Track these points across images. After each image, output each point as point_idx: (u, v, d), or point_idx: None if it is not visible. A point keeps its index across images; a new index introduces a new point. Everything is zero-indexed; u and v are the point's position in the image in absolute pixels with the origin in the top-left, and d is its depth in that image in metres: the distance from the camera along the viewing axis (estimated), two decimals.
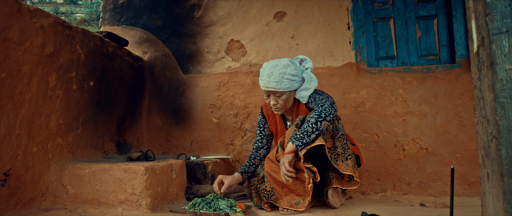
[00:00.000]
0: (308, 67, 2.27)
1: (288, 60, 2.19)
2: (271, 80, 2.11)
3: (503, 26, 0.92)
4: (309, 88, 2.15)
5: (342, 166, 2.05)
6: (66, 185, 2.24)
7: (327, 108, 1.99)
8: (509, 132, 0.88)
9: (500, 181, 0.88)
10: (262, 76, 2.17)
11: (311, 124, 1.96)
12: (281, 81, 2.11)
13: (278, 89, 2.12)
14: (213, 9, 3.33)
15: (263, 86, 2.18)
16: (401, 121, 2.85)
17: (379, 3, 3.12)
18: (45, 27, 2.21)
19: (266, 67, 2.18)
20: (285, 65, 2.13)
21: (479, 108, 1.00)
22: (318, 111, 1.99)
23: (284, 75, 2.10)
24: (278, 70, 2.11)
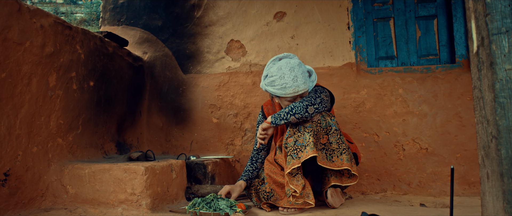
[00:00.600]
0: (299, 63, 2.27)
1: (294, 58, 2.13)
2: (299, 83, 2.00)
3: (503, 26, 0.92)
4: (314, 79, 2.17)
5: (338, 162, 2.05)
6: (66, 185, 2.24)
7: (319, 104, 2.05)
8: (508, 132, 0.88)
9: (500, 181, 0.88)
10: (285, 84, 2.02)
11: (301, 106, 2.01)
12: (306, 81, 2.04)
13: (307, 89, 2.07)
14: (213, 9, 3.33)
15: (291, 93, 2.04)
16: (401, 121, 2.85)
17: (379, 3, 3.13)
18: (45, 27, 2.21)
19: (283, 74, 2.03)
20: (298, 64, 2.06)
21: (479, 108, 1.00)
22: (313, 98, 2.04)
23: (305, 74, 2.04)
24: (298, 71, 2.02)
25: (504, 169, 0.88)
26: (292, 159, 1.99)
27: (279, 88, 2.04)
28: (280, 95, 2.07)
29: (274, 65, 2.12)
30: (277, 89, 2.06)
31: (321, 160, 2.03)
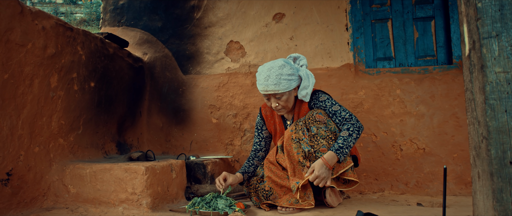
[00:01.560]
0: (303, 64, 2.28)
1: (283, 61, 2.19)
2: (269, 83, 2.12)
3: (493, 30, 0.95)
4: (308, 86, 2.17)
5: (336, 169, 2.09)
6: (67, 184, 2.26)
7: (361, 126, 2.13)
8: (498, 133, 0.91)
9: (490, 181, 0.91)
10: (260, 80, 2.17)
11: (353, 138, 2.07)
12: (279, 83, 2.11)
13: (278, 90, 2.13)
14: (213, 11, 3.36)
15: (262, 90, 2.18)
16: (398, 121, 2.88)
17: (377, 4, 3.16)
18: (47, 29, 2.24)
19: (262, 71, 2.18)
20: (280, 66, 2.14)
21: (470, 110, 1.03)
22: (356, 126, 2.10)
23: (281, 76, 2.11)
24: (274, 72, 2.12)
25: (494, 168, 0.91)
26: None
27: (257, 83, 2.19)
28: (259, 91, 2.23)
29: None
30: (257, 83, 2.20)
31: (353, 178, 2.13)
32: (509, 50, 0.93)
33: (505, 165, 0.90)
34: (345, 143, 2.03)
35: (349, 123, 2.09)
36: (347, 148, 2.04)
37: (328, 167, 2.00)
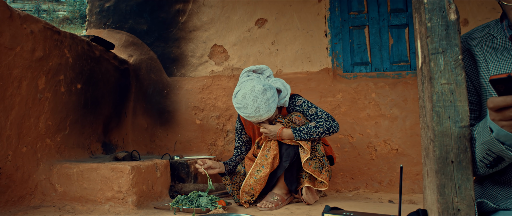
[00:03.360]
0: (269, 75, 2.34)
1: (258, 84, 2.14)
2: (262, 113, 2.11)
3: (439, 47, 1.09)
4: (286, 94, 2.30)
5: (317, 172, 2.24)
6: (54, 183, 2.34)
7: (335, 127, 2.24)
8: (442, 136, 1.05)
9: (435, 177, 1.05)
10: (248, 114, 2.13)
11: (318, 131, 2.19)
12: (270, 108, 2.14)
13: (270, 115, 2.18)
14: (197, 15, 3.46)
15: (254, 121, 2.19)
16: (373, 123, 3.04)
17: (355, 12, 3.31)
18: (35, 33, 2.31)
19: (246, 104, 2.11)
20: (262, 91, 2.11)
21: (422, 116, 1.17)
22: (328, 123, 2.21)
23: (268, 101, 2.12)
24: (261, 100, 2.10)
25: (438, 167, 1.05)
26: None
27: (244, 115, 2.17)
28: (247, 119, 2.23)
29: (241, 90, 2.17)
30: (243, 115, 2.18)
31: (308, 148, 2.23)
32: (453, 64, 1.07)
33: (448, 164, 1.04)
34: (307, 129, 2.17)
35: (323, 120, 2.22)
36: (306, 134, 2.16)
37: (278, 134, 2.18)
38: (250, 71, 2.30)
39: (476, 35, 1.10)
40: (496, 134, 0.84)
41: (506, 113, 0.75)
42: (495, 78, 0.73)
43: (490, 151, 0.88)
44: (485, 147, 0.90)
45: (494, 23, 1.07)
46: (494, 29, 1.06)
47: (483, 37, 1.07)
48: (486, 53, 1.04)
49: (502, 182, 1.02)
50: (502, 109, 0.75)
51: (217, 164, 2.38)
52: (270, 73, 2.37)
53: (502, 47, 1.02)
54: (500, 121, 0.78)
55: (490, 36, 1.06)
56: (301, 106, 2.32)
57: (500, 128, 0.81)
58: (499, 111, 0.76)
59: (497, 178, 1.03)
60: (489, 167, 0.92)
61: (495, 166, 0.91)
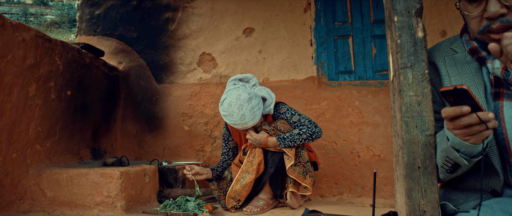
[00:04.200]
0: (255, 83, 2.44)
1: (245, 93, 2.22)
2: (247, 120, 2.21)
3: (408, 62, 1.19)
4: (271, 102, 2.40)
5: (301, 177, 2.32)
6: (44, 189, 2.38)
7: (318, 132, 2.31)
8: (410, 144, 1.15)
9: (403, 182, 1.15)
10: (234, 121, 2.22)
11: (301, 136, 2.26)
12: (255, 116, 2.23)
13: (256, 122, 2.27)
14: (186, 23, 3.54)
15: (241, 129, 2.29)
16: (357, 130, 3.14)
17: (339, 22, 3.43)
18: (27, 41, 2.36)
19: (232, 112, 2.19)
20: (247, 99, 2.19)
21: (393, 125, 1.26)
22: (312, 130, 2.28)
23: (253, 109, 2.21)
24: (246, 108, 2.18)
25: (407, 172, 1.14)
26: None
27: (230, 123, 2.27)
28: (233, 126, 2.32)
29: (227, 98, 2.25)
30: (229, 122, 2.28)
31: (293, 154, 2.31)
32: (420, 78, 1.17)
33: (415, 169, 1.13)
34: (291, 137, 2.26)
35: (306, 127, 2.31)
36: (290, 141, 2.24)
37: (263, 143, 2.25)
38: (236, 80, 2.38)
39: (439, 49, 1.20)
40: (451, 142, 0.93)
41: (458, 122, 0.84)
42: (443, 90, 0.82)
43: (448, 158, 0.97)
44: (444, 154, 0.99)
45: (455, 38, 1.17)
46: (455, 44, 1.16)
47: (445, 52, 1.17)
48: (448, 67, 1.14)
49: (462, 188, 1.11)
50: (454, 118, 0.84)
51: (204, 170, 2.45)
52: (256, 81, 2.46)
53: (462, 60, 1.11)
54: (453, 130, 0.87)
55: (452, 51, 1.15)
56: (285, 113, 2.42)
57: (454, 137, 0.89)
58: (452, 120, 0.85)
59: (458, 185, 1.12)
60: (449, 173, 1.01)
61: (454, 172, 1.00)
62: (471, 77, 1.07)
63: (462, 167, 0.97)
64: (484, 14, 0.93)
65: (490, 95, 1.01)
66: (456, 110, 0.82)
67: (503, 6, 0.90)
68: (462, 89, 0.78)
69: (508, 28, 0.92)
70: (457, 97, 0.81)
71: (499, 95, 0.98)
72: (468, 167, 1.00)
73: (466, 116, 0.82)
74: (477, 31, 0.97)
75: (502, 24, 0.91)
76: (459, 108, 0.81)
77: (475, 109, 0.82)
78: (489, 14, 0.92)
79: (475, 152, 0.92)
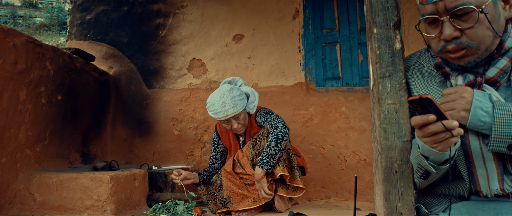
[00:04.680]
0: (241, 84, 2.59)
1: (228, 86, 2.43)
2: (227, 107, 2.34)
3: (386, 72, 1.26)
4: (255, 99, 2.50)
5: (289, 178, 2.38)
6: (33, 193, 2.40)
7: (282, 130, 2.31)
8: (388, 150, 1.21)
9: (382, 185, 1.21)
10: (216, 109, 2.36)
11: (272, 147, 2.28)
12: (236, 105, 2.36)
13: (237, 111, 2.38)
14: (177, 29, 3.59)
15: (222, 117, 2.39)
16: (343, 135, 3.22)
17: (327, 29, 3.51)
18: (18, 46, 2.39)
19: (214, 101, 2.38)
20: (229, 90, 2.39)
21: (373, 131, 1.33)
22: (275, 133, 2.30)
23: (234, 98, 2.37)
24: (227, 97, 2.35)
25: (385, 176, 1.20)
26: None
27: (213, 113, 2.40)
28: (216, 118, 2.42)
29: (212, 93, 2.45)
30: (212, 114, 2.41)
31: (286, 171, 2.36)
32: (397, 87, 1.24)
33: (392, 173, 1.20)
34: (264, 155, 2.29)
35: (270, 136, 2.34)
36: (267, 157, 2.27)
37: (257, 180, 2.29)
38: (225, 83, 2.56)
39: (408, 63, 1.26)
40: (422, 150, 0.99)
41: (425, 130, 0.90)
42: (411, 99, 0.88)
43: (420, 165, 1.04)
44: (416, 162, 1.05)
45: (423, 52, 1.24)
46: (422, 57, 1.23)
47: (413, 65, 1.24)
48: (416, 79, 1.21)
49: (434, 194, 1.18)
50: (422, 126, 0.90)
51: (191, 175, 2.49)
52: (242, 82, 2.61)
53: (429, 74, 1.18)
54: (422, 137, 0.94)
55: (419, 64, 1.22)
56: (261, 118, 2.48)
57: (424, 144, 0.96)
58: (420, 128, 0.91)
59: (430, 190, 1.19)
60: (423, 179, 1.07)
61: (426, 178, 1.06)
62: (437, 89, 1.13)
63: (431, 175, 1.03)
64: (441, 36, 1.00)
65: None
66: (423, 119, 0.88)
67: (456, 30, 0.97)
68: (427, 98, 0.84)
69: (462, 49, 0.99)
70: (423, 106, 0.87)
71: None
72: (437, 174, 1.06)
73: (432, 124, 0.88)
74: (437, 50, 1.04)
75: (456, 45, 0.98)
76: (425, 117, 0.87)
77: (440, 117, 0.88)
78: (444, 36, 0.99)
79: (443, 159, 0.98)
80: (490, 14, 0.96)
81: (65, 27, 15.74)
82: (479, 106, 0.95)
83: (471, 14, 0.96)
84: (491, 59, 1.03)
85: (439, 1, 0.97)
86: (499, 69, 1.02)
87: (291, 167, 2.42)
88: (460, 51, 1.00)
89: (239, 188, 2.48)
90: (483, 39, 0.98)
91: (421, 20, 1.07)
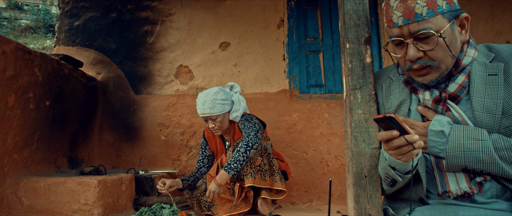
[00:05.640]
0: (237, 91, 2.70)
1: (218, 88, 2.58)
2: (206, 107, 2.50)
3: (357, 84, 1.36)
4: (238, 109, 2.58)
5: (269, 181, 2.46)
6: (21, 197, 2.44)
7: (253, 138, 2.39)
8: (358, 156, 1.32)
9: (352, 189, 1.31)
10: (198, 104, 2.55)
11: (241, 153, 2.35)
12: (214, 107, 2.50)
13: (213, 113, 2.51)
14: (165, 37, 3.67)
15: (200, 114, 2.56)
16: (326, 141, 3.33)
17: (310, 38, 3.63)
18: (7, 53, 2.44)
19: (200, 97, 2.55)
20: (215, 92, 2.53)
21: (345, 139, 1.43)
22: (246, 141, 2.38)
23: (215, 101, 2.50)
24: (210, 97, 2.50)
25: (355, 180, 1.31)
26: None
27: (197, 110, 2.56)
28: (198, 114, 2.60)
29: None
30: (197, 108, 2.57)
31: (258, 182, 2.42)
32: (367, 98, 1.35)
33: (362, 178, 1.30)
34: (232, 159, 2.33)
35: (242, 143, 2.40)
36: (235, 163, 2.31)
37: (217, 184, 2.31)
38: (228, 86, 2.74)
39: (379, 77, 1.37)
40: (388, 161, 1.10)
41: (390, 144, 1.01)
42: (376, 118, 0.98)
43: (387, 175, 1.14)
44: (384, 172, 1.16)
45: (393, 67, 1.35)
46: (392, 72, 1.34)
47: (383, 80, 1.35)
48: (384, 95, 1.32)
49: (400, 198, 1.29)
50: (387, 141, 1.01)
51: (174, 182, 2.56)
52: (239, 90, 2.73)
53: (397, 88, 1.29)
54: (388, 150, 1.04)
55: (389, 78, 1.33)
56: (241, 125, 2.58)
57: (390, 156, 1.07)
58: (386, 143, 1.02)
59: (397, 195, 1.30)
60: (390, 186, 1.18)
61: (394, 186, 1.17)
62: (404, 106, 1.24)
63: (398, 183, 1.14)
64: (406, 56, 1.12)
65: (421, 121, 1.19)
66: (388, 134, 0.99)
67: (419, 51, 1.09)
68: (390, 116, 0.95)
69: (425, 67, 1.11)
70: (387, 124, 0.98)
71: None
72: (403, 182, 1.17)
73: (396, 139, 0.99)
74: (404, 69, 1.16)
75: (420, 64, 1.11)
76: (390, 133, 0.98)
77: (402, 133, 0.99)
78: (408, 57, 1.10)
79: (407, 169, 1.09)
80: (448, 38, 1.08)
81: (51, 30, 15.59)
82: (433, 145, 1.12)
83: (432, 38, 1.07)
84: (451, 76, 1.14)
85: (403, 26, 1.09)
86: (458, 85, 1.13)
87: (272, 171, 2.51)
88: (424, 70, 1.12)
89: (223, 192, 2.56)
90: (443, 59, 1.09)
91: (388, 41, 1.18)
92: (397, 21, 1.10)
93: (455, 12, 1.09)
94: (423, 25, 1.06)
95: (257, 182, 2.41)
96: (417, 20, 1.06)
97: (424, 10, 1.05)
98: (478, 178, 1.10)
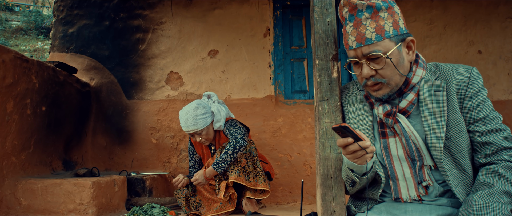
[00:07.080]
0: (215, 100, 2.87)
1: (195, 103, 2.72)
2: (189, 124, 2.66)
3: (325, 96, 1.55)
4: (220, 119, 2.75)
5: (253, 182, 2.64)
6: (19, 197, 2.59)
7: (240, 141, 2.58)
8: (325, 159, 1.50)
9: (320, 188, 1.50)
10: (181, 123, 2.71)
11: (229, 154, 2.55)
12: (196, 123, 2.66)
13: (197, 129, 2.68)
14: (156, 44, 3.83)
15: (185, 131, 2.73)
16: (309, 144, 3.51)
17: (295, 46, 3.82)
18: (6, 62, 2.58)
19: (181, 115, 2.70)
20: (194, 108, 2.68)
21: (315, 144, 1.62)
22: (234, 143, 2.57)
23: (196, 117, 2.66)
24: (190, 115, 2.66)
25: (322, 181, 1.49)
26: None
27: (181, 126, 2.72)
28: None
29: None
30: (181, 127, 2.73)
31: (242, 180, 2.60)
32: (334, 109, 1.53)
33: (328, 179, 1.49)
34: (220, 159, 2.56)
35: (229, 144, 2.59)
36: (222, 162, 2.54)
37: (204, 177, 2.57)
38: (205, 96, 2.88)
39: (345, 90, 1.55)
40: (347, 164, 1.28)
41: (347, 149, 1.19)
42: (334, 127, 1.16)
43: (348, 176, 1.33)
44: (345, 174, 1.34)
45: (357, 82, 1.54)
46: (356, 86, 1.52)
47: (348, 93, 1.53)
48: (349, 107, 1.50)
49: (362, 198, 1.47)
50: (344, 147, 1.19)
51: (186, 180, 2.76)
52: (216, 99, 2.89)
53: (359, 102, 1.47)
54: (346, 155, 1.22)
55: (353, 92, 1.51)
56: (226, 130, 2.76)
57: (348, 160, 1.25)
58: (343, 148, 1.20)
59: (359, 195, 1.48)
60: (351, 186, 1.36)
61: (354, 186, 1.35)
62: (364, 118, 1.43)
63: (357, 183, 1.32)
64: (361, 74, 1.31)
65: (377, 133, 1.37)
66: (344, 141, 1.17)
67: (372, 70, 1.28)
68: (345, 126, 1.13)
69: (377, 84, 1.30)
70: (343, 132, 1.16)
71: (385, 135, 1.35)
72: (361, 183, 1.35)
73: (351, 145, 1.17)
74: (361, 85, 1.35)
75: (373, 81, 1.29)
76: (346, 139, 1.16)
77: (356, 139, 1.17)
78: (363, 75, 1.29)
79: (364, 170, 1.28)
80: (395, 59, 1.26)
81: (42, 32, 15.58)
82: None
83: (381, 59, 1.26)
84: (403, 93, 1.33)
85: (357, 48, 1.28)
86: (408, 101, 1.32)
87: (256, 172, 2.69)
88: (376, 85, 1.31)
89: (210, 193, 2.75)
90: (392, 76, 1.28)
91: (347, 61, 1.37)
92: (352, 45, 1.29)
93: (401, 36, 1.28)
94: (373, 48, 1.25)
95: (241, 180, 2.59)
96: (368, 44, 1.25)
97: (373, 35, 1.24)
98: (424, 183, 1.29)
